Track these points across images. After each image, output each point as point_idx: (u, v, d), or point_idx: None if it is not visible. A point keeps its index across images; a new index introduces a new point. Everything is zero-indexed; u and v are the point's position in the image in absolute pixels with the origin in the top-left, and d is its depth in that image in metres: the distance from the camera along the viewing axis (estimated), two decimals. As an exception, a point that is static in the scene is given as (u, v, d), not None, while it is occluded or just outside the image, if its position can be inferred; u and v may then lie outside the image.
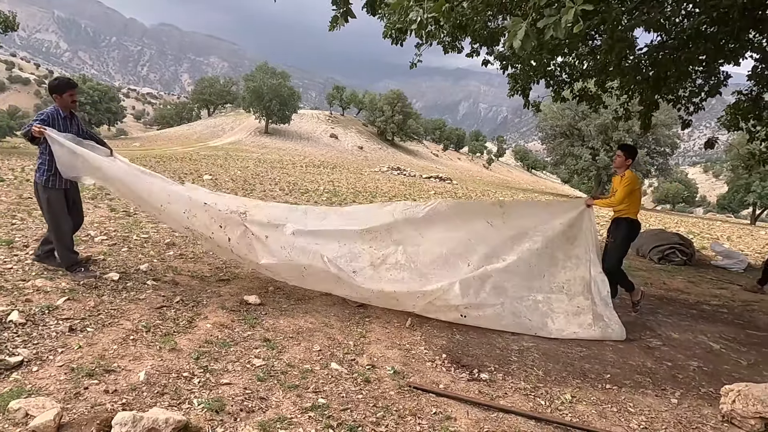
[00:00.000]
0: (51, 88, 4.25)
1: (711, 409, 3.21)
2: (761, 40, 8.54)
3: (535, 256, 4.51)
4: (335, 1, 5.28)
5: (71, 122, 4.31)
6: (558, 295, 4.50)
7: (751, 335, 5.00)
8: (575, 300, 4.49)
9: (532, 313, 4.39)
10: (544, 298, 4.47)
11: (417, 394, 2.98)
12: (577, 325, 4.36)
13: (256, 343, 3.41)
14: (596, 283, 4.53)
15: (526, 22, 2.90)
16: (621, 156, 5.03)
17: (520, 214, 4.73)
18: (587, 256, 4.56)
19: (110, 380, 2.65)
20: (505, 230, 4.60)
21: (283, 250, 4.22)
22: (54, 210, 4.22)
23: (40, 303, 3.57)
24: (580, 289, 4.51)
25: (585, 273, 4.54)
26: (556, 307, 4.45)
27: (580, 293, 4.50)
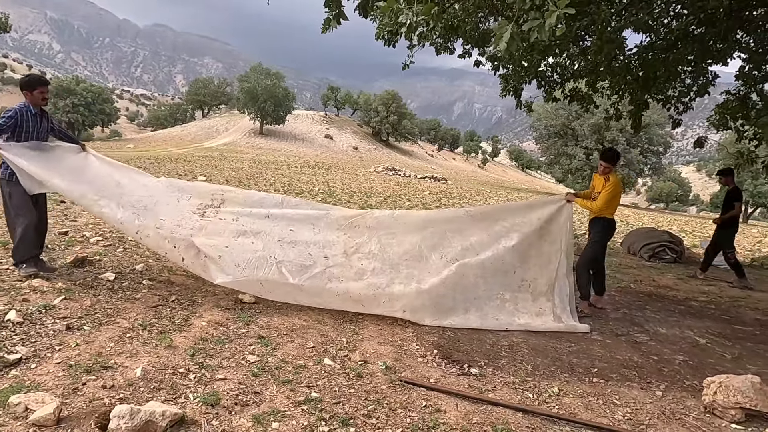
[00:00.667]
0: (22, 84, 4.23)
1: (694, 400, 3.30)
2: (748, 40, 8.69)
3: (509, 253, 4.56)
4: (328, 3, 5.35)
5: (41, 119, 4.28)
6: (524, 294, 4.58)
7: (737, 330, 5.11)
8: (538, 301, 4.58)
9: (500, 311, 4.48)
10: (511, 297, 4.55)
11: (408, 388, 3.06)
12: (541, 324, 4.48)
13: (251, 340, 3.48)
14: (560, 283, 4.60)
15: (511, 25, 2.98)
16: (607, 167, 4.98)
17: (499, 212, 4.85)
18: (558, 255, 4.62)
19: (107, 376, 2.71)
20: (483, 225, 4.67)
21: (237, 268, 4.13)
22: (16, 204, 4.14)
23: (37, 302, 3.62)
24: (545, 290, 4.60)
25: (552, 272, 4.61)
26: (521, 307, 4.55)
27: (543, 294, 4.59)
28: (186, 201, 4.56)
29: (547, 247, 4.68)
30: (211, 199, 4.62)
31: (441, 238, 4.60)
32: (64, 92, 51.67)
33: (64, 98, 51.22)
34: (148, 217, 4.31)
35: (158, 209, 4.40)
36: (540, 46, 7.38)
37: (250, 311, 4.07)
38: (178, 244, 4.17)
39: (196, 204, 4.56)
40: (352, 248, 4.53)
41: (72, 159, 4.43)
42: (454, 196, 23.83)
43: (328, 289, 4.20)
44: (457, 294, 4.40)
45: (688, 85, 9.69)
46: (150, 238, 4.23)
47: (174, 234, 4.21)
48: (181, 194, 4.60)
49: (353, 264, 4.43)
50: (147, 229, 4.22)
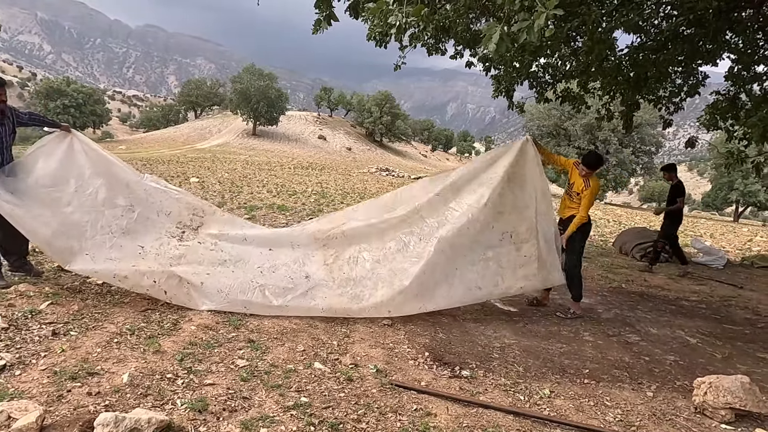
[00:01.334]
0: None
1: (684, 401, 3.31)
2: (737, 41, 8.75)
3: (483, 212, 4.48)
4: (318, 4, 5.33)
5: (2, 118, 4.08)
6: (507, 248, 4.54)
7: (727, 329, 5.13)
8: (523, 249, 4.52)
9: (483, 276, 4.45)
10: (494, 254, 4.52)
11: (398, 391, 3.04)
12: (523, 278, 4.47)
13: (240, 344, 3.44)
14: (542, 225, 4.54)
15: (500, 26, 2.97)
16: (585, 170, 4.84)
17: (464, 175, 4.74)
18: (533, 197, 4.57)
19: (93, 383, 2.67)
20: (451, 195, 4.63)
21: (220, 294, 4.08)
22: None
23: (23, 307, 3.57)
24: (527, 236, 4.54)
25: (531, 217, 4.55)
26: (505, 262, 4.51)
27: (526, 240, 4.53)
28: (165, 217, 4.50)
29: (520, 192, 4.62)
30: (190, 219, 4.57)
31: (417, 222, 4.60)
32: (54, 93, 51.25)
33: (54, 99, 50.80)
34: (125, 250, 4.16)
35: (138, 229, 4.30)
36: (531, 47, 7.39)
37: (240, 315, 4.03)
38: (158, 278, 4.02)
39: (175, 222, 4.51)
40: (332, 257, 4.56)
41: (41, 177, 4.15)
42: (448, 196, 23.84)
43: (312, 307, 4.19)
44: (437, 273, 4.38)
45: (679, 85, 9.75)
46: (128, 279, 4.00)
47: (152, 268, 4.07)
48: (162, 207, 4.52)
49: (335, 275, 4.44)
50: (123, 271, 4.01)
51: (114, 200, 4.35)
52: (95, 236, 4.15)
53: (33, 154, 4.22)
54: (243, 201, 12.65)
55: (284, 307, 4.14)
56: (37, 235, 3.99)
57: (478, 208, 4.47)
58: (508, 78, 8.89)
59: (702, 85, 9.74)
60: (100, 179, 4.34)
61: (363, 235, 4.67)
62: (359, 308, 4.26)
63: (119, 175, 4.47)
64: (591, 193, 4.79)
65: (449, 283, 4.40)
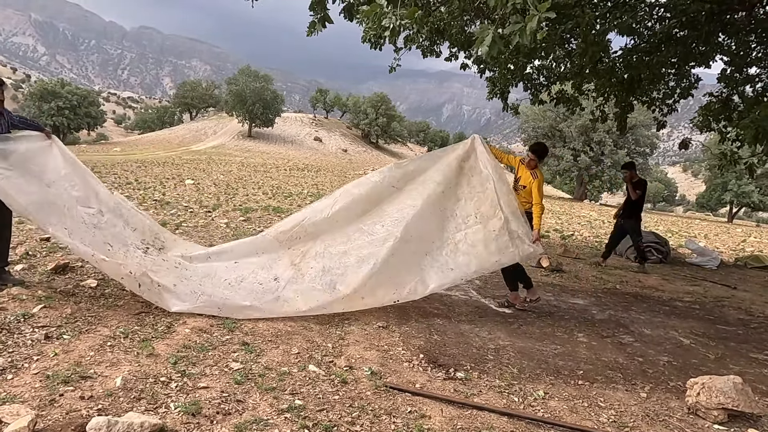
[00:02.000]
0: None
1: (678, 402, 3.32)
2: (730, 43, 8.81)
3: (442, 199, 4.61)
4: (313, 6, 5.33)
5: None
6: (474, 227, 4.57)
7: (721, 330, 5.16)
8: (490, 224, 4.53)
9: (455, 258, 4.48)
10: (463, 236, 4.56)
11: (393, 393, 3.04)
12: (497, 252, 4.45)
13: (234, 347, 3.44)
14: (503, 200, 4.56)
15: (492, 29, 2.98)
16: (534, 159, 5.04)
17: (419, 166, 4.84)
18: (489, 179, 4.61)
19: (86, 386, 2.66)
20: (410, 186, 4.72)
21: (193, 295, 4.07)
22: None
23: (15, 311, 3.55)
24: (491, 212, 4.56)
25: (491, 195, 4.57)
26: (475, 241, 4.52)
27: (492, 216, 4.55)
28: (131, 231, 4.53)
29: (476, 178, 4.68)
30: (154, 240, 4.60)
31: (378, 213, 4.67)
32: (49, 95, 51.02)
33: (49, 101, 50.58)
34: (97, 240, 4.15)
35: (106, 231, 4.30)
36: (525, 49, 7.43)
37: (234, 318, 4.02)
38: (134, 270, 4.00)
39: (140, 237, 4.54)
40: (299, 256, 4.60)
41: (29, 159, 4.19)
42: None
43: (285, 310, 4.19)
44: (408, 258, 4.42)
45: (672, 87, 9.81)
46: (106, 263, 3.99)
47: (126, 262, 4.09)
48: (128, 221, 4.55)
49: (304, 271, 4.47)
50: (101, 254, 4.01)
51: (87, 200, 4.36)
52: (73, 217, 4.18)
53: (19, 139, 4.20)
54: (238, 203, 12.63)
55: (259, 308, 4.11)
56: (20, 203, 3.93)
57: (436, 196, 4.60)
58: (502, 80, 8.93)
59: (695, 87, 9.82)
60: (76, 179, 4.38)
61: (325, 230, 4.69)
62: (333, 299, 4.25)
63: (91, 183, 4.50)
64: (539, 182, 4.92)
65: (421, 268, 4.43)
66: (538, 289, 5.49)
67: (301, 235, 4.71)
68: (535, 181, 4.92)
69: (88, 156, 30.77)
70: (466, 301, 5.33)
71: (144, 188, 14.06)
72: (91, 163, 23.47)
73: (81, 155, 31.81)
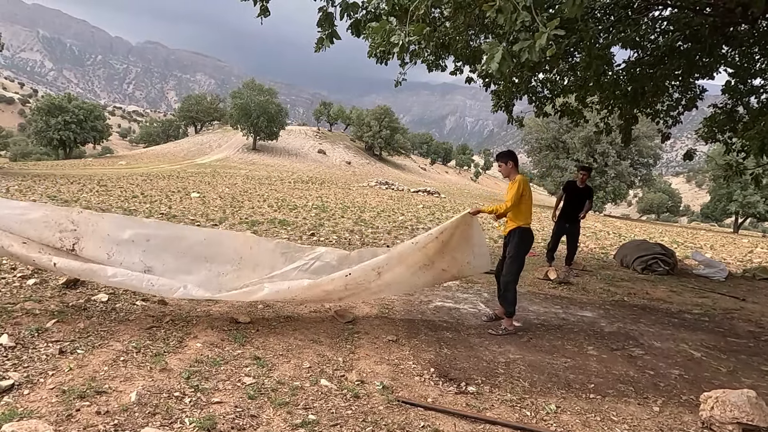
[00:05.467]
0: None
1: (691, 416, 3.31)
2: (734, 54, 8.87)
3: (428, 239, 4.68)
4: (321, 23, 5.40)
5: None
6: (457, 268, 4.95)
7: (731, 343, 5.13)
8: (465, 268, 4.96)
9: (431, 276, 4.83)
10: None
11: (405, 408, 3.04)
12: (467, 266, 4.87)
13: (246, 361, 3.45)
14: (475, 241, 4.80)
15: (502, 46, 3.03)
16: (501, 166, 4.85)
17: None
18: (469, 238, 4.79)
19: (102, 402, 2.67)
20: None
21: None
22: None
23: (29, 325, 3.58)
24: (468, 259, 4.87)
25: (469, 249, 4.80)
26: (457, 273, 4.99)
27: (467, 262, 4.88)
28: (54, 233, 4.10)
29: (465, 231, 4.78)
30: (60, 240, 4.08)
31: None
32: (56, 110, 51.47)
33: (56, 116, 51.01)
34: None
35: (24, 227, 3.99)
36: (529, 64, 7.50)
37: (245, 331, 4.04)
38: (50, 253, 3.88)
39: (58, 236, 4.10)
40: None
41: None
42: (448, 209, 23.89)
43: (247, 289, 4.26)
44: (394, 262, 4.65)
45: (676, 99, 9.86)
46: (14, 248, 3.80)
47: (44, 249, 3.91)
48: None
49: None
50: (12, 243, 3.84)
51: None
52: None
53: None
54: (244, 216, 12.68)
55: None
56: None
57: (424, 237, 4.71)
58: (507, 93, 8.99)
59: (699, 99, 9.85)
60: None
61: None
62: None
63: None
64: (517, 183, 4.66)
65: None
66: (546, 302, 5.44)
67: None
68: (512, 184, 4.72)
69: (94, 170, 31.01)
70: (474, 314, 5.33)
71: (150, 201, 14.15)
72: (97, 176, 23.65)
73: (87, 169, 32.06)
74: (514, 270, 4.77)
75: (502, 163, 4.85)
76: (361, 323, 4.63)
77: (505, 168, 4.83)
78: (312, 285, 4.35)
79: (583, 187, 7.99)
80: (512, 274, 4.76)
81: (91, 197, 13.92)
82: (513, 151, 5.04)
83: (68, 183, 18.52)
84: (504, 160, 4.83)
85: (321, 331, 4.27)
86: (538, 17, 2.90)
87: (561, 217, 8.05)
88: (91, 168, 33.00)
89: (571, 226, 8.05)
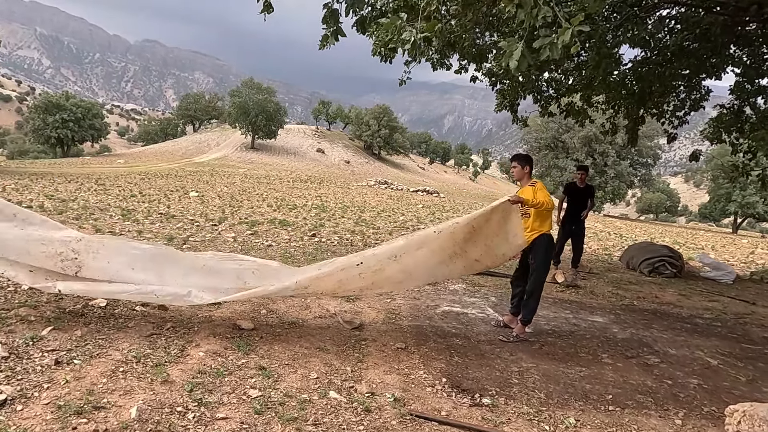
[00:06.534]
0: None
1: (715, 429, 3.18)
2: (741, 54, 8.75)
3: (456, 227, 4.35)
4: (326, 20, 5.25)
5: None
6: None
7: (747, 349, 5.00)
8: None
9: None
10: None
11: (419, 422, 2.90)
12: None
13: (251, 372, 3.30)
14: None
15: (521, 43, 2.89)
16: (516, 167, 4.63)
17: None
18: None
19: (100, 418, 2.52)
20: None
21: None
22: None
23: (24, 334, 3.42)
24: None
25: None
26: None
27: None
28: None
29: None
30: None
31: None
32: (53, 108, 51.20)
33: (53, 114, 50.74)
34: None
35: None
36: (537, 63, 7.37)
37: (248, 339, 3.89)
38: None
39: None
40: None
41: None
42: (447, 209, 23.77)
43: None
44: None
45: (682, 99, 9.74)
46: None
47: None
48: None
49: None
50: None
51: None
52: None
53: None
54: (244, 216, 12.52)
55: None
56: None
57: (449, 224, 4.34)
58: (513, 92, 8.85)
59: (706, 99, 9.74)
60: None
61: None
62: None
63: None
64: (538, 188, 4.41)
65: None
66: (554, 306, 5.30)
67: None
68: (537, 186, 4.47)
69: (92, 168, 30.81)
70: (483, 319, 5.19)
71: (149, 201, 13.98)
72: (95, 175, 23.45)
73: (85, 167, 31.85)
74: (540, 279, 4.64)
75: (518, 165, 4.64)
76: (368, 329, 4.49)
77: (520, 171, 4.63)
78: (321, 275, 4.11)
79: (583, 186, 7.87)
80: (540, 282, 4.64)
81: (89, 196, 13.74)
82: (531, 157, 4.86)
83: (66, 182, 18.34)
84: (521, 163, 4.63)
85: (327, 338, 4.13)
86: (559, 12, 2.76)
87: (566, 221, 7.91)
88: (89, 166, 32.79)
89: (576, 227, 7.92)
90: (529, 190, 4.45)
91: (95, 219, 9.50)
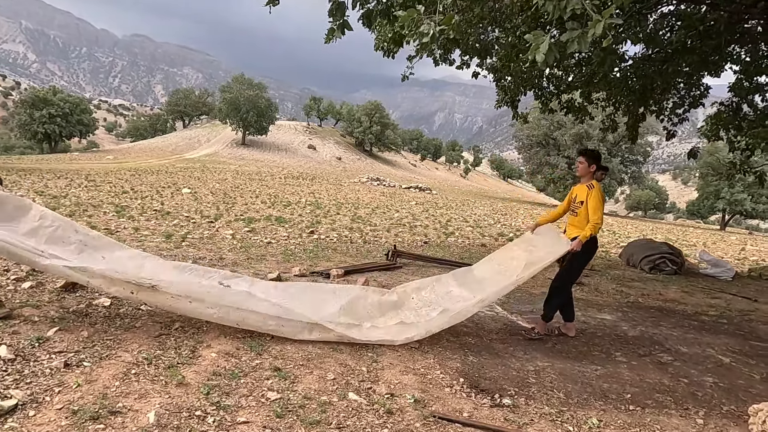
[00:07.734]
0: None
1: (738, 429, 3.14)
2: (740, 52, 8.77)
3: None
4: (332, 13, 5.15)
5: None
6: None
7: (756, 347, 5.00)
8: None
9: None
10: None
11: (443, 424, 2.83)
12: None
13: (267, 373, 3.21)
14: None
15: (548, 36, 2.82)
16: (583, 162, 4.45)
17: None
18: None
19: (117, 424, 2.42)
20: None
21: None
22: None
23: (29, 335, 3.30)
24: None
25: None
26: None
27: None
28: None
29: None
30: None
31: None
32: (40, 103, 50.34)
33: (40, 109, 49.90)
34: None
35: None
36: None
37: (260, 339, 3.79)
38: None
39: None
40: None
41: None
42: (440, 206, 23.75)
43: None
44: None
45: (682, 96, 9.76)
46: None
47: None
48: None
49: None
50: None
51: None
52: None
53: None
54: (239, 212, 12.38)
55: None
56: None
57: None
58: (515, 88, 8.80)
59: (705, 96, 9.77)
60: None
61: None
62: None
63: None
64: (598, 193, 4.30)
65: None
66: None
67: None
68: (591, 191, 4.32)
69: (80, 164, 30.35)
70: (493, 317, 5.14)
71: (141, 197, 13.78)
72: (84, 171, 23.08)
73: (73, 163, 31.34)
74: (573, 275, 4.64)
75: (585, 162, 4.42)
76: (379, 328, 4.40)
77: (585, 168, 4.43)
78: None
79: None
80: (568, 277, 4.61)
81: (80, 192, 13.51)
82: (601, 155, 4.63)
83: (55, 178, 18.03)
84: (588, 161, 4.42)
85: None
86: (588, 4, 2.69)
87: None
88: (77, 162, 32.29)
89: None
90: (585, 190, 4.41)
91: (89, 216, 9.32)
